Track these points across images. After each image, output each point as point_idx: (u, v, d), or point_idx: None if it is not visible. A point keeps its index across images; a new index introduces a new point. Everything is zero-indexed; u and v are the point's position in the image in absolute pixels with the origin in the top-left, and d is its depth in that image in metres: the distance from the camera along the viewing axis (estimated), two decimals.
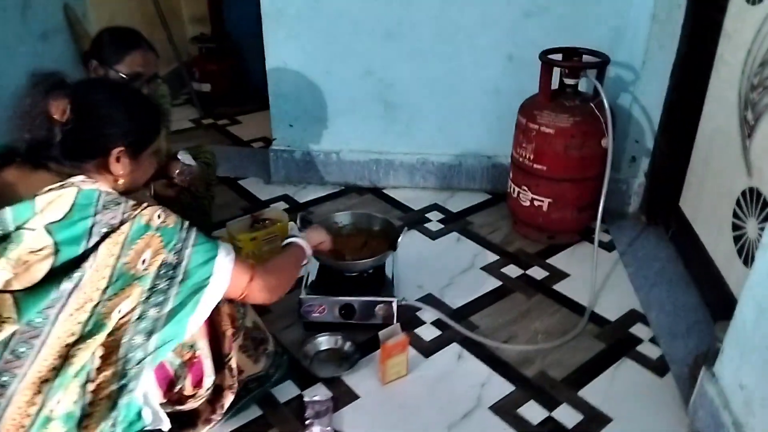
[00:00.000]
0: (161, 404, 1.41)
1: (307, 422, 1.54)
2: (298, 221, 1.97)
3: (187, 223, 1.30)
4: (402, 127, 2.64)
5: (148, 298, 1.22)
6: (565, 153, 2.13)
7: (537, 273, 2.18)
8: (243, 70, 3.64)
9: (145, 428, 1.39)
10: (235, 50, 3.65)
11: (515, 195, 2.32)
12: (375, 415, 1.60)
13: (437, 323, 1.91)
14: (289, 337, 1.85)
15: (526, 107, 2.23)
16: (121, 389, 1.24)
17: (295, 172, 2.75)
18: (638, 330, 1.90)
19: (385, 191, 2.73)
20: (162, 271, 1.23)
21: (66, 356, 1.16)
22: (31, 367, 1.13)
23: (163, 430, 1.41)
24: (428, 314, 1.93)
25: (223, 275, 1.31)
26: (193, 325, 1.30)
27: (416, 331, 1.88)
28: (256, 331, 1.57)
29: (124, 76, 1.76)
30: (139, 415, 1.33)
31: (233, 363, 1.47)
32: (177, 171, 1.88)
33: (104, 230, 1.17)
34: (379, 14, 2.42)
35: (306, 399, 1.61)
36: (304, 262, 1.61)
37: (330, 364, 1.75)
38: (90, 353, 1.18)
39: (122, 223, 1.19)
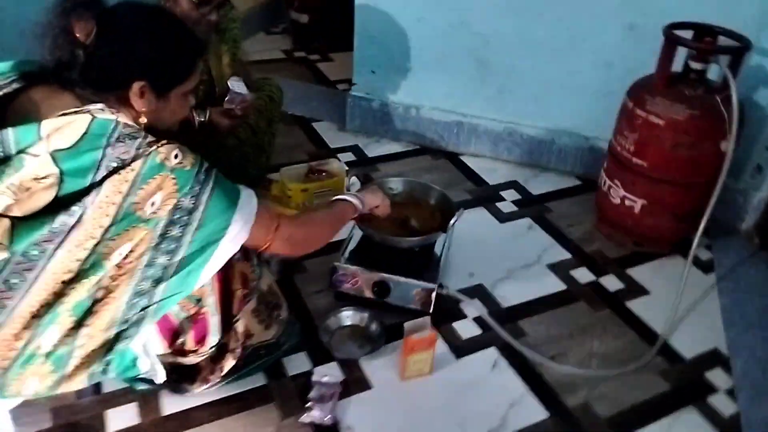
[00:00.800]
0: (164, 353, 1.33)
1: (308, 404, 1.41)
2: (353, 179, 1.79)
3: (206, 165, 1.17)
4: (493, 89, 2.36)
5: (159, 244, 1.12)
6: (673, 150, 1.78)
7: (611, 283, 1.89)
8: (345, 4, 3.42)
9: (139, 376, 1.33)
10: None
11: (605, 188, 2.01)
12: (383, 411, 1.44)
13: (479, 321, 1.70)
14: (317, 304, 1.72)
15: (637, 89, 1.88)
16: (118, 336, 1.16)
17: (371, 122, 2.55)
18: (715, 377, 1.59)
19: (462, 158, 2.48)
20: (176, 216, 1.11)
21: (59, 293, 1.08)
22: (22, 300, 1.07)
23: (156, 381, 1.34)
24: (471, 308, 1.72)
25: (242, 225, 1.19)
26: (205, 275, 1.19)
27: (453, 324, 1.68)
28: (271, 296, 1.45)
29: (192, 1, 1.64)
30: (134, 362, 1.26)
31: (240, 326, 1.37)
32: (226, 98, 1.75)
33: (113, 165, 1.06)
34: None
35: (314, 378, 1.48)
36: (350, 221, 1.47)
37: (350, 344, 1.60)
38: (85, 293, 1.10)
39: (134, 159, 1.07)
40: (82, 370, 1.16)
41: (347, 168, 2.09)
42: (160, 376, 1.33)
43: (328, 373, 1.50)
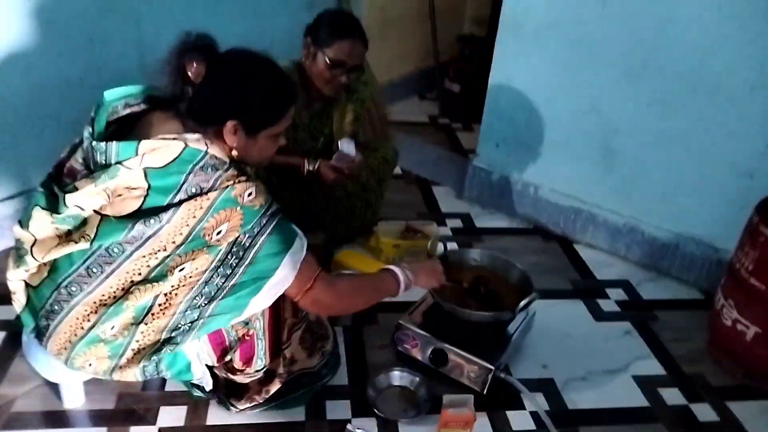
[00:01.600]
0: (216, 367, 1.45)
1: None
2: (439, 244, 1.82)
3: (274, 208, 1.28)
4: (617, 181, 2.26)
5: (218, 267, 1.25)
6: None
7: (704, 413, 1.67)
8: None
9: (192, 381, 1.45)
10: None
11: (718, 306, 1.81)
12: None
13: (536, 417, 1.60)
14: (377, 358, 1.74)
15: (765, 204, 1.70)
16: (168, 340, 1.29)
17: (488, 194, 2.56)
18: None
19: (575, 246, 2.38)
20: (234, 249, 1.25)
21: (127, 290, 1.24)
22: (97, 288, 1.24)
23: (205, 388, 1.45)
24: (532, 402, 1.62)
25: (287, 273, 1.29)
26: (254, 306, 1.30)
27: (507, 413, 1.60)
28: (318, 326, 1.53)
29: (328, 60, 1.82)
30: (188, 367, 1.38)
31: (288, 352, 1.45)
32: (334, 156, 1.88)
33: (192, 190, 1.21)
34: (624, 48, 2.07)
35: (349, 427, 1.50)
36: (396, 293, 1.49)
37: (394, 404, 1.59)
38: (149, 297, 1.25)
39: (212, 189, 1.22)
40: (133, 363, 1.30)
41: (439, 233, 2.11)
42: (208, 385, 1.45)
43: (364, 427, 1.51)
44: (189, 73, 1.24)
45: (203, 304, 1.28)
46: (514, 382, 1.61)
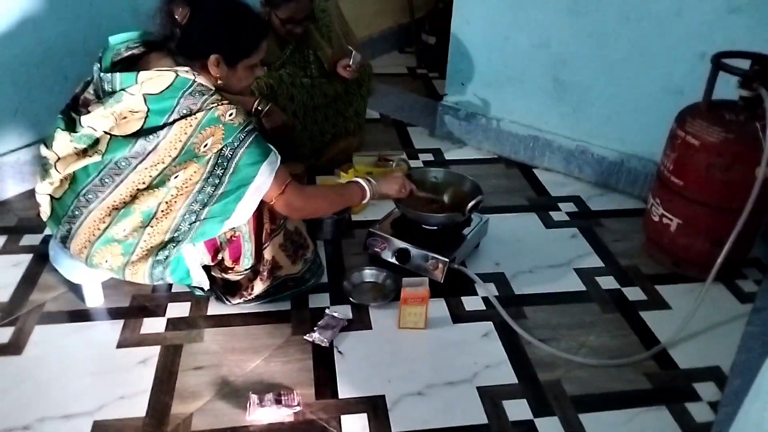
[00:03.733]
0: (212, 267, 1.73)
1: (314, 328, 1.72)
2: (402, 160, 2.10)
3: (251, 126, 1.55)
4: (568, 108, 2.51)
5: (207, 178, 1.53)
6: (707, 172, 1.83)
7: (634, 294, 1.95)
8: None
9: (192, 284, 1.73)
10: None
11: (649, 206, 2.08)
12: (373, 347, 1.70)
13: (487, 302, 1.87)
14: (352, 262, 2.02)
15: (682, 112, 1.95)
16: (171, 240, 1.57)
17: (456, 130, 2.82)
18: (704, 389, 1.62)
19: (534, 171, 2.64)
20: (219, 161, 1.52)
21: (134, 197, 1.52)
22: (110, 195, 1.52)
23: (204, 288, 1.74)
24: (485, 290, 1.90)
25: (264, 179, 1.55)
26: (241, 211, 1.57)
27: (462, 298, 1.89)
28: (297, 236, 1.79)
29: (279, 20, 2.20)
30: (188, 273, 1.66)
31: (266, 254, 1.72)
32: (350, 62, 2.31)
33: (183, 111, 1.48)
34: None
35: (327, 311, 1.79)
36: (363, 202, 1.80)
37: (367, 295, 1.88)
38: (152, 202, 1.52)
39: (199, 110, 1.49)
40: (143, 260, 1.57)
41: (403, 157, 2.42)
42: (206, 285, 1.73)
43: (339, 311, 1.80)
44: (176, 17, 1.50)
45: (198, 209, 1.55)
46: (468, 272, 1.90)
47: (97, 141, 1.51)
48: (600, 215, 2.35)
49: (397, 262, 1.92)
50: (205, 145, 1.50)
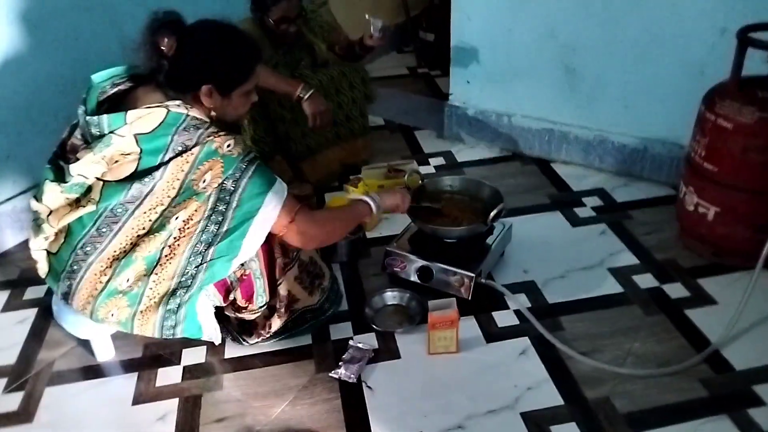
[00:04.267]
0: (225, 307, 1.62)
1: (339, 363, 1.61)
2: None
3: (252, 155, 1.45)
4: (582, 98, 2.38)
5: (210, 216, 1.42)
6: (743, 155, 1.70)
7: (675, 291, 1.82)
8: None
9: (203, 338, 1.61)
10: None
11: (681, 195, 1.95)
12: (404, 378, 1.59)
13: (520, 315, 1.76)
14: (372, 284, 1.91)
15: (710, 93, 1.82)
16: (179, 287, 1.46)
17: (466, 129, 2.69)
18: (766, 391, 1.49)
19: (552, 165, 2.51)
20: (221, 195, 1.41)
21: (135, 244, 1.42)
22: (109, 245, 1.42)
23: (215, 343, 1.62)
24: (515, 302, 1.78)
25: (270, 210, 1.44)
26: (248, 247, 1.46)
27: (493, 313, 1.77)
28: (312, 266, 1.68)
29: (272, 22, 2.12)
30: (200, 329, 1.55)
31: (282, 290, 1.61)
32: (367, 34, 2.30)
33: (179, 148, 1.38)
34: None
35: (351, 342, 1.68)
36: (373, 214, 1.67)
37: (390, 319, 1.76)
38: (154, 247, 1.42)
39: (196, 145, 1.38)
40: (153, 310, 1.46)
41: (415, 166, 2.33)
42: (217, 339, 1.60)
43: (364, 341, 1.68)
44: (162, 48, 1.40)
45: (203, 250, 1.44)
46: (496, 285, 1.78)
47: (89, 189, 1.40)
48: (627, 207, 2.22)
49: (419, 281, 1.81)
50: (204, 181, 1.40)
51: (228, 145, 1.41)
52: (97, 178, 1.39)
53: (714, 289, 1.82)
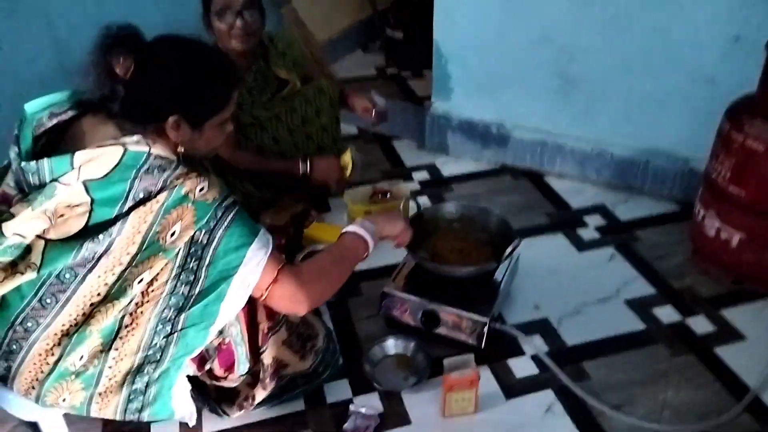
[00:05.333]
0: (201, 375, 1.35)
1: None
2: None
3: (230, 200, 1.18)
4: (580, 107, 2.20)
5: (179, 275, 1.15)
6: None
7: (700, 325, 1.67)
8: None
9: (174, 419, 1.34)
10: None
11: (699, 218, 1.79)
12: None
13: (538, 360, 1.57)
14: (366, 330, 1.68)
15: (735, 109, 1.67)
16: (145, 362, 1.19)
17: (450, 140, 2.48)
18: None
19: (545, 179, 2.33)
20: (192, 250, 1.14)
21: (88, 315, 1.14)
22: (55, 318, 1.13)
23: (189, 425, 1.34)
24: (531, 345, 1.59)
25: (252, 267, 1.18)
26: (227, 312, 1.20)
27: (508, 361, 1.57)
28: (303, 326, 1.43)
29: (216, 17, 1.81)
30: (172, 415, 1.28)
31: (266, 358, 1.35)
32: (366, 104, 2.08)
33: (140, 196, 1.11)
34: None
35: (352, 408, 1.45)
36: (364, 256, 1.38)
37: (393, 374, 1.54)
38: (113, 318, 1.14)
39: (161, 190, 1.11)
40: (115, 392, 1.19)
41: (409, 192, 2.04)
42: (192, 422, 1.32)
43: (367, 404, 1.46)
44: (117, 70, 1.12)
45: (173, 317, 1.17)
46: (510, 329, 1.58)
47: (28, 250, 1.11)
48: (633, 227, 2.06)
49: (423, 328, 1.59)
50: (173, 234, 1.13)
51: (201, 189, 1.14)
52: (38, 236, 1.10)
53: (740, 322, 1.67)
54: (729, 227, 1.69)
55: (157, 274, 1.14)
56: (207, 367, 1.32)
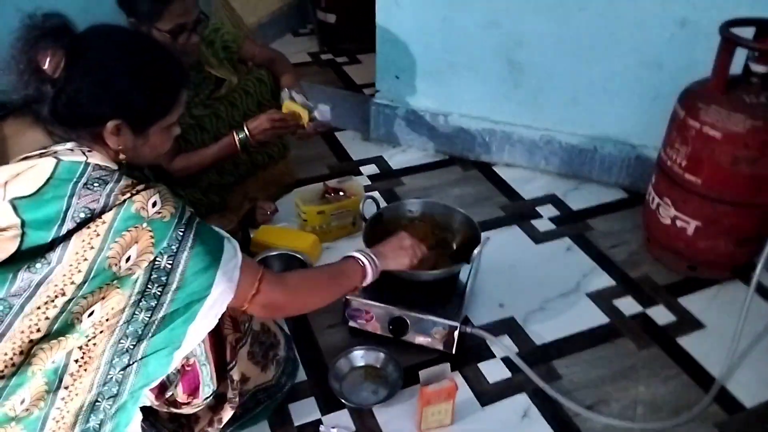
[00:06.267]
0: (158, 404, 1.21)
1: None
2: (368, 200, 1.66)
3: (188, 213, 1.04)
4: (527, 94, 2.16)
5: (138, 301, 1.00)
6: (732, 167, 1.56)
7: (660, 315, 1.68)
8: (373, 2, 3.26)
9: None
10: None
11: (653, 206, 1.80)
12: None
13: (508, 361, 1.52)
14: (329, 341, 1.58)
15: (689, 95, 1.66)
16: (98, 401, 1.04)
17: (396, 130, 2.39)
18: None
19: (495, 168, 2.29)
20: (153, 276, 1.00)
21: (27, 353, 0.97)
22: None
23: None
24: (500, 347, 1.54)
25: (225, 286, 1.05)
26: (194, 334, 1.06)
27: (479, 365, 1.52)
28: (265, 335, 1.32)
29: (168, 33, 1.57)
30: None
31: (235, 374, 1.23)
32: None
33: (81, 216, 0.95)
34: None
35: (322, 428, 1.35)
36: (362, 284, 1.29)
37: (363, 388, 1.45)
38: (59, 356, 0.98)
39: (105, 208, 0.96)
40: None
41: (362, 189, 1.94)
42: None
43: (338, 424, 1.36)
44: (44, 67, 0.96)
45: (131, 347, 1.03)
46: (479, 331, 1.52)
47: None
48: (585, 215, 2.06)
49: (391, 336, 1.51)
50: (128, 259, 0.98)
51: (154, 204, 0.99)
52: None
53: (697, 309, 1.69)
54: (685, 215, 1.69)
55: (113, 305, 0.99)
56: (168, 394, 1.19)
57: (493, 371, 1.51)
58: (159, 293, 1.01)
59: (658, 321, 1.66)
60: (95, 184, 0.96)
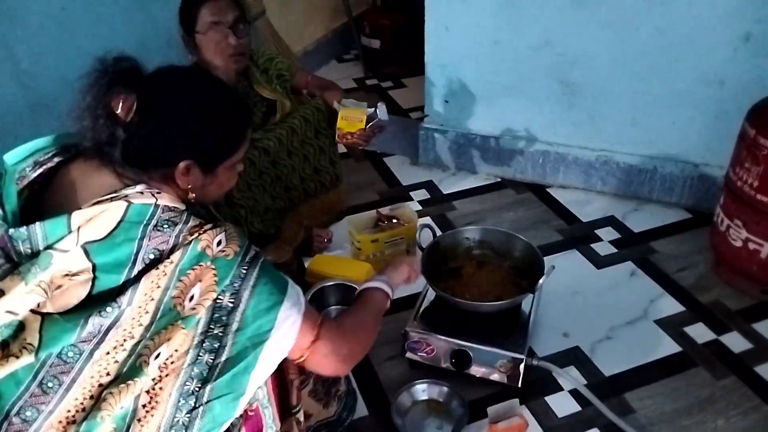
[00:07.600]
0: None
1: None
2: (425, 230, 1.64)
3: (253, 252, 1.03)
4: (582, 114, 2.11)
5: (202, 342, 0.99)
6: None
7: (735, 342, 1.59)
8: (417, 27, 3.26)
9: None
10: (411, 3, 3.26)
11: (723, 228, 1.72)
12: None
13: (577, 394, 1.46)
14: (389, 374, 1.54)
15: (759, 113, 1.59)
16: None
17: (446, 155, 2.37)
18: None
19: (549, 190, 2.24)
20: (215, 315, 0.99)
21: (97, 397, 0.97)
22: (59, 404, 0.96)
23: None
24: (567, 378, 1.49)
25: (287, 330, 1.03)
26: (256, 380, 1.04)
27: (546, 399, 1.46)
28: None
29: (204, 32, 1.65)
30: None
31: (301, 416, 1.21)
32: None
33: (150, 257, 0.94)
34: None
35: None
36: (387, 307, 1.27)
37: (428, 423, 1.41)
38: (127, 400, 0.98)
39: (173, 248, 0.95)
40: None
41: (416, 217, 1.91)
42: None
43: None
44: (117, 111, 0.96)
45: (196, 389, 1.02)
46: (546, 364, 1.46)
47: (21, 327, 0.94)
48: (647, 238, 1.98)
49: (453, 369, 1.47)
50: (191, 298, 0.97)
51: (219, 242, 0.99)
52: (33, 311, 0.94)
53: None
54: (758, 238, 1.61)
55: (178, 346, 0.98)
56: None
57: (562, 405, 1.45)
58: (221, 333, 1.00)
59: (733, 349, 1.58)
60: (165, 226, 0.96)
